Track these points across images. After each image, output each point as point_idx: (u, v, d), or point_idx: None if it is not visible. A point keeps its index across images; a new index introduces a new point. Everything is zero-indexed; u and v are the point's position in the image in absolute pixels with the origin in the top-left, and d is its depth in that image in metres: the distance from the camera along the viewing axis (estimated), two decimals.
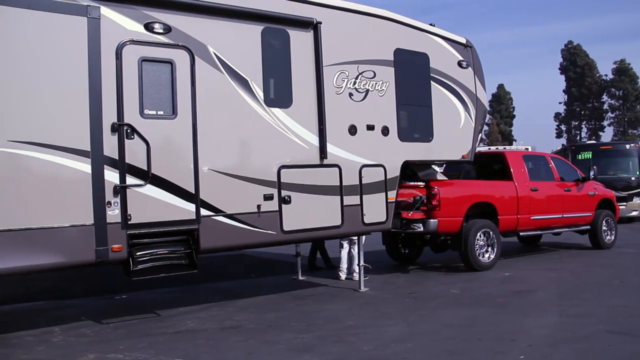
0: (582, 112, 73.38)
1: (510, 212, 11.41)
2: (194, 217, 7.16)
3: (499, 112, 72.86)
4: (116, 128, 6.66)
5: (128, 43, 6.80)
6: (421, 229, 10.35)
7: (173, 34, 7.12)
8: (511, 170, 11.76)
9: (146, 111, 6.88)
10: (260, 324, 7.31)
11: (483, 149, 20.60)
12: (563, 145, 46.21)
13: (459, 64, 10.36)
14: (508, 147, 36.41)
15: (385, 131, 9.04)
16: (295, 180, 8.01)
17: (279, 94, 8.06)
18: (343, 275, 10.31)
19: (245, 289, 9.70)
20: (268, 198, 7.75)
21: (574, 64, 71.33)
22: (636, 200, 19.98)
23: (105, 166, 6.59)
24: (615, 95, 70.94)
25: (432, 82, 9.86)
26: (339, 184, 8.46)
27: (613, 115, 72.28)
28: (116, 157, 6.67)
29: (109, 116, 6.62)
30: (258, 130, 7.75)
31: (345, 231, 8.73)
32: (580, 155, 20.93)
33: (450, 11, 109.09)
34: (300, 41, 8.18)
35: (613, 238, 13.70)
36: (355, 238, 9.65)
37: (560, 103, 75.04)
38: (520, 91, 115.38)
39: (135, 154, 6.77)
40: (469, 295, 8.83)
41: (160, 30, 7.04)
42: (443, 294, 8.95)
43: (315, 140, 8.25)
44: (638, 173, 20.43)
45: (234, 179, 7.50)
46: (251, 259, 12.86)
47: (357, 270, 9.60)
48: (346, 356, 5.99)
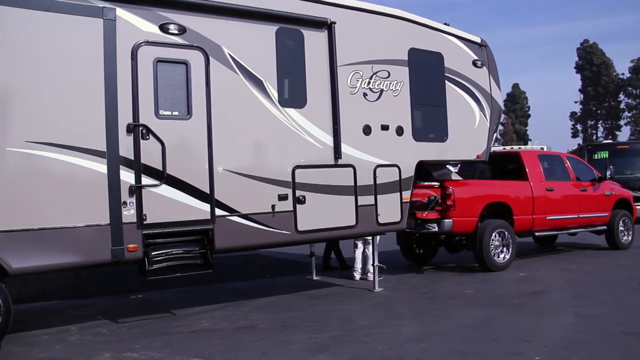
0: (598, 112, 72.78)
1: (525, 212, 11.33)
2: (208, 217, 7.19)
3: (514, 112, 72.49)
4: (132, 128, 6.71)
5: (143, 44, 6.85)
6: (436, 229, 10.31)
7: (188, 35, 7.16)
8: (526, 170, 11.67)
9: (161, 112, 6.93)
10: (274, 324, 7.33)
11: (498, 148, 20.49)
12: (579, 144, 45.88)
13: (474, 63, 10.31)
14: (523, 147, 36.20)
15: (399, 131, 9.02)
16: (310, 181, 8.02)
17: (293, 94, 8.07)
18: (357, 275, 10.29)
19: (259, 289, 9.72)
20: (282, 198, 7.76)
21: (590, 62, 70.75)
22: None
23: (120, 166, 6.64)
24: (632, 94, 70.26)
25: (447, 82, 9.82)
26: (353, 184, 8.45)
27: (630, 114, 71.63)
28: (132, 158, 6.72)
29: (124, 117, 6.68)
30: (272, 130, 7.77)
31: (359, 231, 8.72)
32: (596, 155, 20.69)
33: (465, 10, 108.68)
34: (314, 41, 8.19)
35: (630, 238, 13.55)
36: (370, 238, 9.64)
37: (575, 102, 74.59)
38: (535, 90, 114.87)
39: (150, 154, 6.82)
40: (484, 295, 8.78)
41: (175, 31, 7.08)
42: (458, 294, 8.91)
43: (329, 140, 8.25)
44: None
45: (248, 179, 7.52)
46: (265, 259, 12.88)
47: (372, 270, 9.58)
48: (361, 356, 5.98)
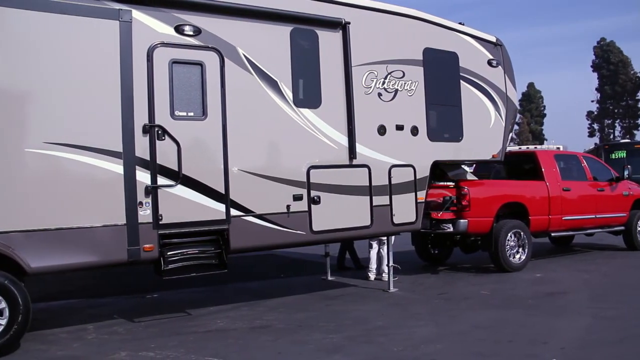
0: (616, 110, 71.95)
1: (541, 213, 11.25)
2: (224, 217, 7.22)
3: (530, 111, 71.90)
4: (147, 129, 6.76)
5: (159, 45, 6.89)
6: (451, 229, 10.28)
7: (203, 36, 7.20)
8: (542, 170, 11.59)
9: (177, 112, 6.97)
10: (289, 324, 7.34)
11: (513, 148, 20.31)
12: (596, 144, 45.38)
13: (489, 62, 10.26)
14: (539, 147, 35.90)
15: (414, 131, 8.99)
16: (325, 181, 8.02)
17: (308, 95, 8.08)
18: (372, 276, 10.28)
19: (274, 289, 9.74)
20: (297, 198, 7.77)
21: (607, 61, 69.96)
22: None
23: (136, 167, 6.69)
24: None
25: (462, 81, 9.78)
26: (368, 184, 8.44)
27: None
28: (147, 158, 6.77)
29: (140, 118, 6.73)
30: (287, 130, 7.79)
31: (374, 231, 8.71)
32: (613, 155, 20.47)
33: (479, 10, 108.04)
34: (329, 41, 8.19)
35: None
36: (385, 238, 9.63)
37: (592, 101, 73.65)
38: (550, 90, 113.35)
39: (166, 154, 6.86)
40: (500, 296, 8.73)
41: (190, 33, 7.12)
42: (473, 295, 8.87)
43: (344, 140, 8.25)
44: None
45: (263, 179, 7.54)
46: (280, 259, 12.90)
47: (387, 270, 9.56)
48: (375, 357, 5.97)
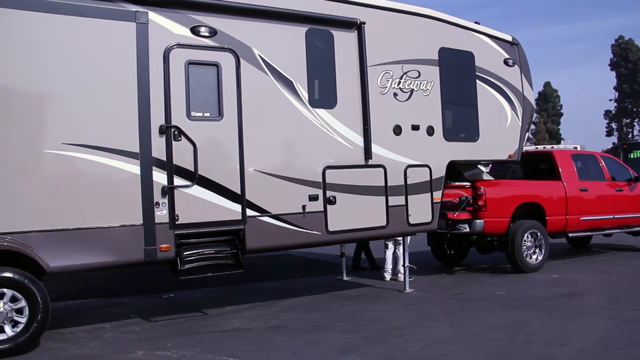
0: (634, 109, 71.16)
1: (558, 213, 11.16)
2: (240, 218, 7.25)
3: (546, 111, 71.30)
4: (164, 130, 6.80)
5: (175, 47, 6.94)
6: (467, 229, 10.23)
7: (219, 37, 7.23)
8: (559, 169, 11.50)
9: (193, 113, 7.01)
10: (305, 324, 7.35)
11: (530, 148, 20.18)
12: (614, 143, 44.88)
13: (505, 62, 10.19)
14: (556, 146, 35.61)
15: (430, 131, 8.97)
16: (340, 181, 8.03)
17: (323, 95, 8.09)
18: (388, 276, 10.27)
19: (290, 289, 9.76)
20: (313, 198, 7.79)
21: (626, 59, 69.19)
22: None
23: (153, 167, 6.75)
24: None
25: (478, 81, 9.73)
26: (384, 185, 8.43)
27: None
28: (164, 159, 6.81)
29: (157, 118, 6.78)
30: (303, 131, 7.80)
31: (390, 232, 8.70)
32: (632, 154, 20.25)
33: (495, 8, 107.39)
34: (344, 42, 8.19)
35: None
36: (400, 238, 9.61)
37: (610, 100, 72.99)
38: (567, 89, 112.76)
39: (182, 155, 6.91)
40: (516, 297, 8.68)
41: (206, 34, 7.16)
42: (489, 296, 8.82)
43: (360, 140, 8.25)
44: None
45: (279, 179, 7.56)
46: (296, 259, 12.92)
47: (402, 271, 9.54)
48: (391, 357, 5.96)
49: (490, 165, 12.58)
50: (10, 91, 6.09)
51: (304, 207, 7.71)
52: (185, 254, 6.94)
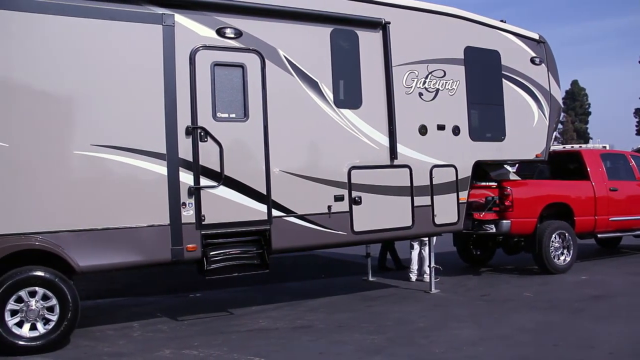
0: None
1: (587, 213, 11.01)
2: (265, 218, 7.29)
3: (574, 110, 70.32)
4: (190, 131, 6.87)
5: (201, 48, 7.00)
6: (493, 230, 10.15)
7: (244, 38, 7.27)
8: (588, 169, 11.34)
9: (219, 114, 7.06)
10: (330, 324, 7.36)
11: (557, 147, 19.95)
12: None
13: (532, 60, 10.08)
14: (584, 146, 35.12)
15: (456, 131, 8.91)
16: (366, 181, 8.02)
17: (348, 95, 8.09)
18: (413, 277, 10.22)
19: (315, 289, 9.77)
20: (339, 199, 7.79)
21: None
22: None
23: (180, 168, 6.82)
24: None
25: (504, 80, 9.64)
26: (409, 185, 8.40)
27: None
28: (190, 160, 6.88)
29: (183, 120, 6.85)
30: (328, 131, 7.81)
31: (415, 232, 8.67)
32: None
33: (522, 6, 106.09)
34: (369, 42, 8.18)
35: None
36: (426, 239, 9.56)
37: None
38: (595, 87, 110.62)
39: (208, 156, 6.97)
40: (544, 299, 8.57)
41: (232, 35, 7.21)
42: (516, 297, 8.73)
43: (385, 140, 8.23)
44: None
45: (304, 180, 7.59)
46: (321, 260, 12.94)
47: (428, 271, 9.49)
48: (417, 359, 5.94)
49: (517, 165, 12.47)
50: (42, 94, 6.20)
51: (329, 208, 7.72)
52: (211, 254, 7.00)
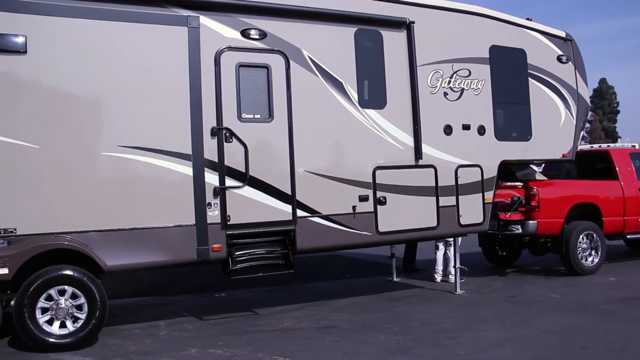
0: None
1: (615, 214, 10.84)
2: (290, 218, 7.31)
3: (602, 108, 69.23)
4: (215, 132, 6.92)
5: (226, 50, 7.05)
6: (519, 230, 10.06)
7: (268, 39, 7.31)
8: (617, 169, 11.16)
9: (244, 115, 7.11)
10: (355, 325, 7.35)
11: (585, 147, 19.65)
12: None
13: (559, 58, 9.95)
14: (612, 145, 34.57)
15: (481, 130, 8.84)
16: (391, 181, 8.00)
17: (373, 95, 8.08)
18: (439, 278, 10.16)
19: (340, 290, 9.77)
20: (363, 199, 7.79)
21: None
22: None
23: (205, 169, 6.88)
24: None
25: (530, 79, 9.53)
26: (434, 185, 8.36)
27: None
28: (216, 160, 6.94)
29: (208, 121, 6.91)
30: (353, 131, 7.81)
31: (440, 232, 8.62)
32: None
33: (548, 4, 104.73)
34: (393, 41, 8.16)
35: None
36: (451, 239, 9.50)
37: None
38: (624, 85, 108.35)
39: (233, 156, 7.02)
40: (571, 300, 8.46)
41: (256, 36, 7.25)
42: (543, 299, 8.63)
43: (410, 140, 8.20)
44: None
45: (329, 180, 7.59)
46: (346, 260, 12.93)
47: (453, 272, 9.43)
48: None
49: (544, 164, 12.33)
50: (71, 96, 6.31)
51: (354, 208, 7.72)
52: (236, 254, 7.05)
